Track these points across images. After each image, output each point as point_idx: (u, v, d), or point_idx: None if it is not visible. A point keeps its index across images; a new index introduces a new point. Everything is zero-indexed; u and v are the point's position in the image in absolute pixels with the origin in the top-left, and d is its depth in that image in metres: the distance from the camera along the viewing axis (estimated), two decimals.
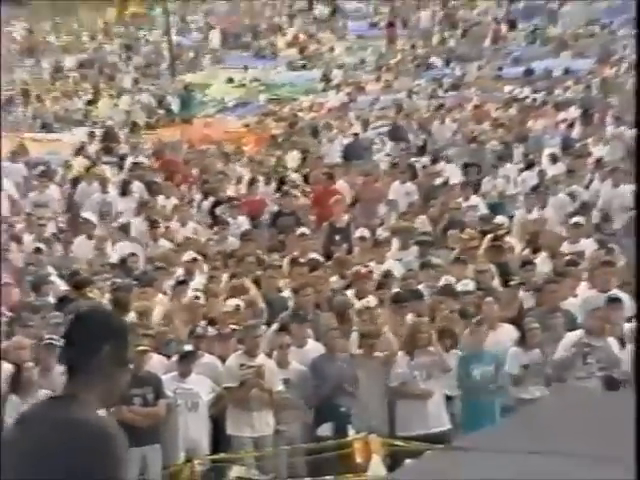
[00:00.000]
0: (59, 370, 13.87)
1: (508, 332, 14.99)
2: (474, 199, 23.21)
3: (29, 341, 14.52)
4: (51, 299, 17.23)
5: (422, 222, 21.55)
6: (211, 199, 24.34)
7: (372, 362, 14.60)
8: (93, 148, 31.10)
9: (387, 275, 17.66)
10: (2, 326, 15.60)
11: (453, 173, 25.48)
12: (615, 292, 15.75)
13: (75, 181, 26.53)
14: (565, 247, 18.88)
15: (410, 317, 15.14)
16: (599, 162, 24.86)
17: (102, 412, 5.67)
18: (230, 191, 25.07)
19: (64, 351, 5.37)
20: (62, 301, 16.60)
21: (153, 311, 16.39)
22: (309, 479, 13.22)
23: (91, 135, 32.59)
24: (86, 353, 5.27)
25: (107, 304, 16.29)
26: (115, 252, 20.88)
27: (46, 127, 36.29)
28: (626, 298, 15.50)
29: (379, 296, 16.43)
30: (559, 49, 40.53)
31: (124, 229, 22.21)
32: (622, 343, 14.55)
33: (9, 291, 17.98)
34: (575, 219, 20.63)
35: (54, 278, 18.68)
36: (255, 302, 16.46)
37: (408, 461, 11.92)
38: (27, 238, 21.83)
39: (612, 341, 14.53)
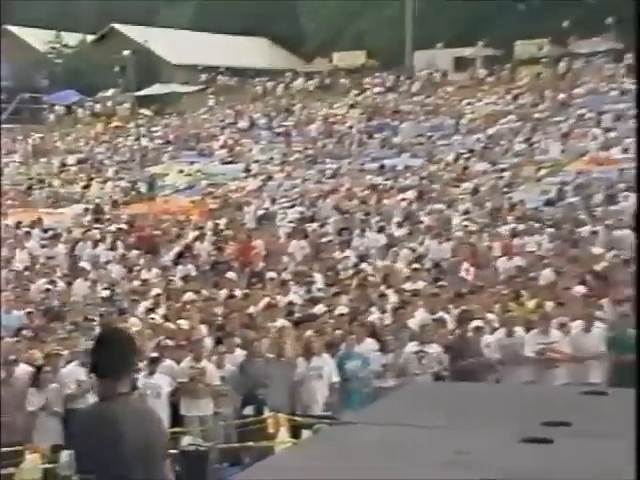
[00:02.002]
0: (64, 371, 13.88)
1: (372, 342, 15.05)
2: (348, 252, 23.42)
3: (40, 353, 14.52)
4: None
5: (313, 268, 21.68)
6: (173, 252, 24.46)
7: (280, 364, 14.62)
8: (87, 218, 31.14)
9: (290, 304, 17.78)
10: (27, 339, 15.57)
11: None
12: (441, 314, 15.95)
13: (76, 241, 26.50)
14: (407, 285, 18.99)
15: (307, 333, 15.15)
16: (429, 227, 25.12)
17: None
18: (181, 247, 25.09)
19: (105, 363, 5.33)
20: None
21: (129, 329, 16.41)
22: (238, 444, 13.18)
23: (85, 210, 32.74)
24: (126, 364, 5.36)
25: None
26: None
27: (55, 204, 36.07)
28: (448, 318, 15.73)
29: (288, 319, 16.47)
30: (400, 152, 40.93)
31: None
32: (446, 348, 14.75)
33: (33, 317, 17.96)
34: (414, 265, 20.92)
35: None
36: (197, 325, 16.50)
37: (305, 432, 12.01)
38: (41, 280, 21.72)
39: (437, 348, 14.71)
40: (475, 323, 15.16)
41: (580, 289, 17.18)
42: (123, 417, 5.16)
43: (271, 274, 20.81)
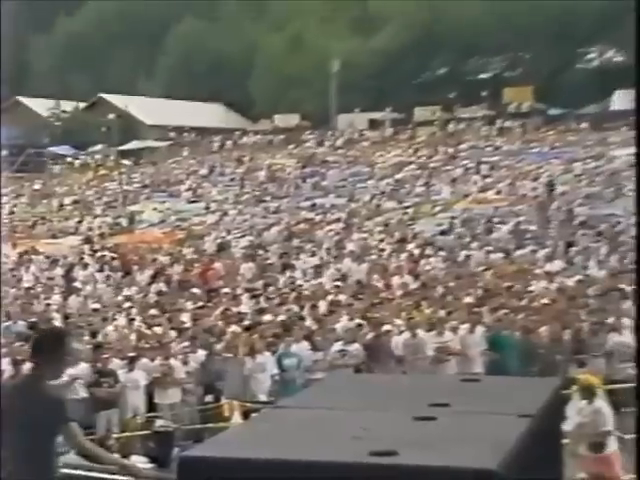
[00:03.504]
0: None
1: (305, 344, 15.06)
2: (287, 272, 23.31)
3: None
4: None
5: (260, 284, 21.57)
6: (149, 273, 24.23)
7: (233, 361, 14.56)
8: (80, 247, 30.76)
9: (241, 313, 17.68)
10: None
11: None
12: (359, 320, 15.98)
13: (71, 265, 26.14)
14: (333, 297, 18.98)
15: (254, 336, 15.11)
16: (351, 252, 25.20)
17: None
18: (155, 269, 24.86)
19: (34, 352, 5.33)
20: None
21: (113, 335, 16.27)
22: (200, 426, 13.10)
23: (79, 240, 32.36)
24: (48, 354, 5.18)
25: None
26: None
27: (54, 236, 35.53)
28: (365, 323, 15.75)
29: (240, 325, 16.39)
30: (328, 193, 40.89)
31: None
32: (364, 347, 14.76)
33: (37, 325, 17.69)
34: (338, 282, 20.94)
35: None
36: (168, 331, 16.36)
37: (253, 414, 11.92)
38: (43, 296, 21.45)
39: (358, 347, 14.73)
40: (386, 327, 15.28)
41: (466, 300, 17.38)
42: (24, 393, 5.16)
43: (226, 290, 20.71)
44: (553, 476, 3.69)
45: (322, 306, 17.83)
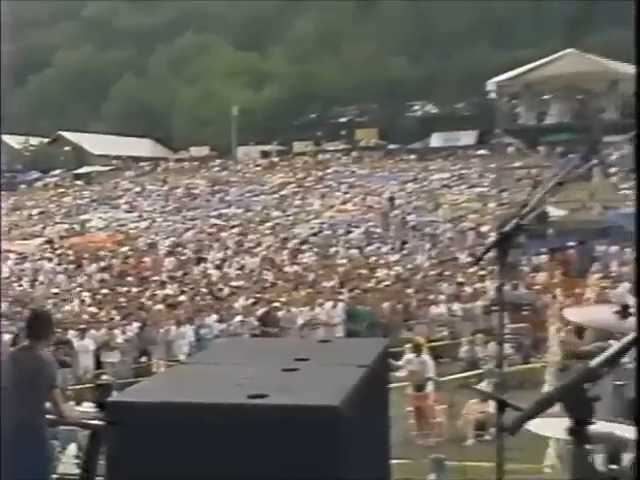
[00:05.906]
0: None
1: (214, 317, 14.92)
2: (200, 264, 22.93)
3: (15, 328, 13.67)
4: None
5: (179, 274, 21.17)
6: (96, 265, 23.48)
7: (160, 331, 14.28)
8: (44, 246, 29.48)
9: (166, 295, 17.38)
10: (7, 319, 14.64)
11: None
12: (253, 300, 15.83)
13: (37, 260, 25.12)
14: (234, 282, 18.79)
15: (176, 312, 14.88)
16: (247, 249, 24.95)
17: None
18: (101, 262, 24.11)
19: (29, 328, 5.12)
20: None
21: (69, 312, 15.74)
22: (134, 379, 12.73)
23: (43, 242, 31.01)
24: (41, 329, 5.05)
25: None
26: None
27: (25, 238, 33.78)
28: (259, 301, 15.64)
29: (164, 304, 16.10)
30: (230, 205, 39.96)
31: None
32: (258, 319, 14.64)
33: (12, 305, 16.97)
34: (237, 272, 20.72)
35: None
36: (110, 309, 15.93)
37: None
38: (16, 284, 20.58)
39: (252, 319, 14.66)
40: (274, 304, 15.31)
41: (330, 283, 17.56)
42: (25, 359, 5.03)
43: (154, 278, 20.35)
44: (382, 410, 3.80)
45: (226, 289, 17.74)
